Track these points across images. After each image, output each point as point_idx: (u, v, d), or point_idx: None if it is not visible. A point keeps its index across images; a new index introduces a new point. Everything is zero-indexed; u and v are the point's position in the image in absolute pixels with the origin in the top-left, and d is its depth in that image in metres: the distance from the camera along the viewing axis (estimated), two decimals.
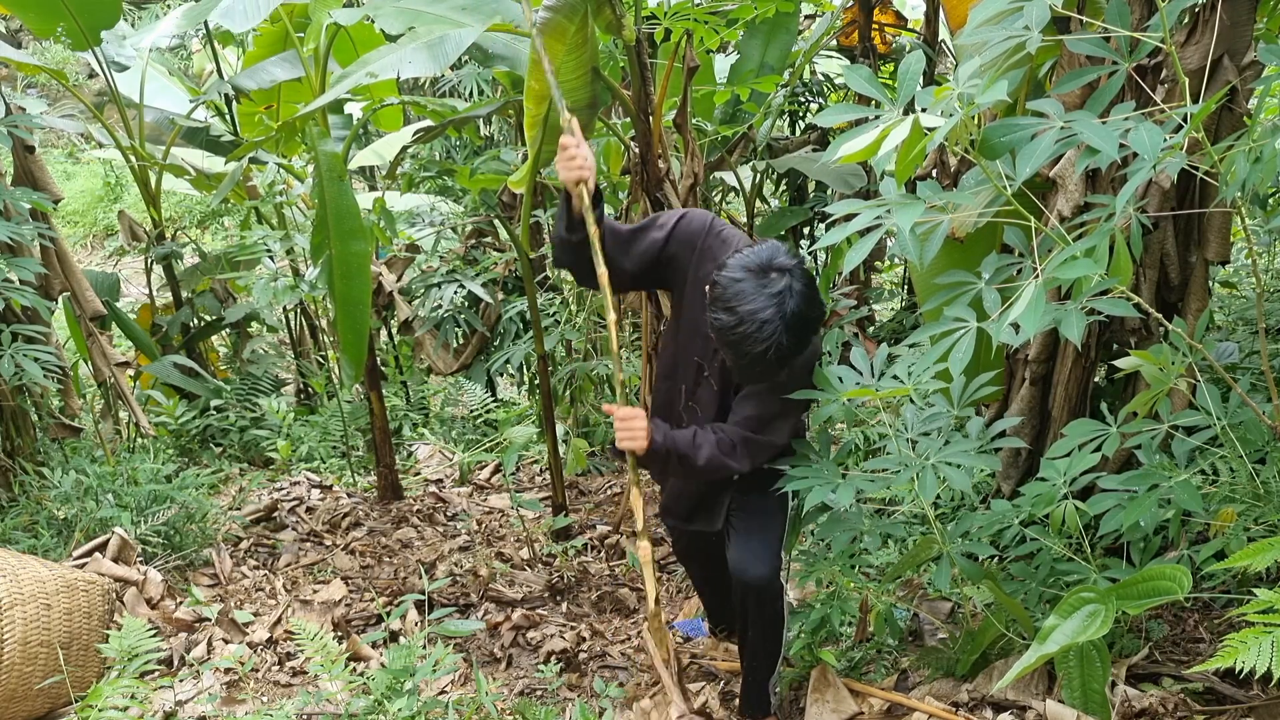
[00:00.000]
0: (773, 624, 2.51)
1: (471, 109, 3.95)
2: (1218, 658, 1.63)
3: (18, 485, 3.97)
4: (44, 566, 2.88)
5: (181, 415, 5.05)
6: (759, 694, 2.59)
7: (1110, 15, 1.95)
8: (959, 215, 2.15)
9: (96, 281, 5.16)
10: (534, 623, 3.36)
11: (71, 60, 10.81)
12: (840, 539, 2.43)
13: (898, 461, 2.27)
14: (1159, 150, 1.73)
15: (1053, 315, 1.87)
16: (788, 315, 2.12)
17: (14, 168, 4.19)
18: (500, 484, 4.84)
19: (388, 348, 6.18)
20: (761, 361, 2.16)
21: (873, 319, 5.30)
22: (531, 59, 3.02)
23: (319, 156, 3.57)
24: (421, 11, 3.44)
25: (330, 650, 2.54)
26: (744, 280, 2.14)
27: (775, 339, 2.12)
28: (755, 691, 2.60)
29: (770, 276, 2.14)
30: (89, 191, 11.07)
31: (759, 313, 2.11)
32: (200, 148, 5.49)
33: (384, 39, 4.82)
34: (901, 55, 5.27)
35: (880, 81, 1.97)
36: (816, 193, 5.37)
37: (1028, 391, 2.78)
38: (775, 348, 2.13)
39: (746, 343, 2.13)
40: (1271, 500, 2.02)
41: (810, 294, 2.17)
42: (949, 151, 2.80)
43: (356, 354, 3.76)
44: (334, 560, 3.88)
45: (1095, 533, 2.22)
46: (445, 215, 5.70)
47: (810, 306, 2.17)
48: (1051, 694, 2.32)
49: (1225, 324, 3.78)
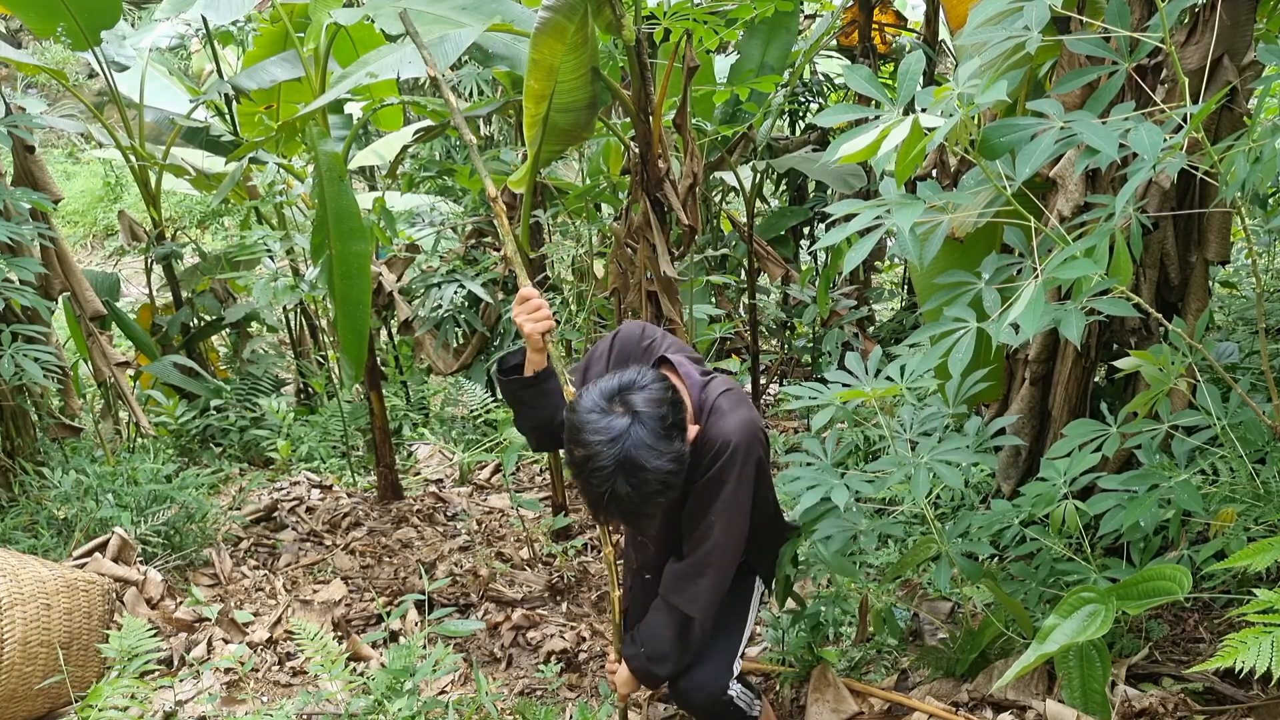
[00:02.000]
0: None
1: (471, 109, 3.95)
2: (1218, 658, 1.63)
3: (18, 485, 3.97)
4: (44, 566, 2.88)
5: (181, 415, 5.05)
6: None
7: (1110, 15, 1.95)
8: (959, 215, 2.15)
9: (96, 281, 5.17)
10: (534, 623, 3.36)
11: (71, 60, 10.81)
12: (838, 538, 2.43)
13: (893, 462, 2.27)
14: (1159, 150, 1.73)
15: (1053, 315, 1.87)
16: (620, 468, 1.92)
17: (14, 168, 4.20)
18: (500, 484, 4.84)
19: (388, 348, 6.18)
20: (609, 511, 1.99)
21: (873, 319, 5.30)
22: (530, 59, 3.02)
23: (319, 156, 3.57)
24: (421, 11, 3.44)
25: (330, 650, 2.54)
26: (586, 424, 1.96)
27: (609, 489, 1.93)
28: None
29: (612, 418, 1.95)
30: (89, 191, 11.07)
31: (590, 453, 1.94)
32: (200, 148, 5.49)
33: (384, 39, 4.82)
34: (901, 55, 5.28)
35: (880, 81, 1.97)
36: (816, 193, 5.38)
37: (1028, 391, 2.78)
38: (613, 500, 1.94)
39: (591, 488, 1.97)
40: (1271, 500, 2.02)
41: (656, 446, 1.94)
42: (949, 151, 2.80)
43: (356, 354, 3.76)
44: (334, 560, 3.88)
45: (1095, 533, 2.21)
46: (445, 215, 5.70)
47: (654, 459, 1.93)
48: (1051, 694, 2.32)
49: (1225, 324, 3.78)
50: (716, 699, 2.28)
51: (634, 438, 1.93)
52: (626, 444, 1.93)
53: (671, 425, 1.99)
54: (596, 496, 1.97)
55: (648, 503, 1.98)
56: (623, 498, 1.95)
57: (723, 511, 2.14)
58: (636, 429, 1.94)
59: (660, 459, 1.95)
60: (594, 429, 1.95)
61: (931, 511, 2.37)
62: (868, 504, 2.69)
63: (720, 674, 2.30)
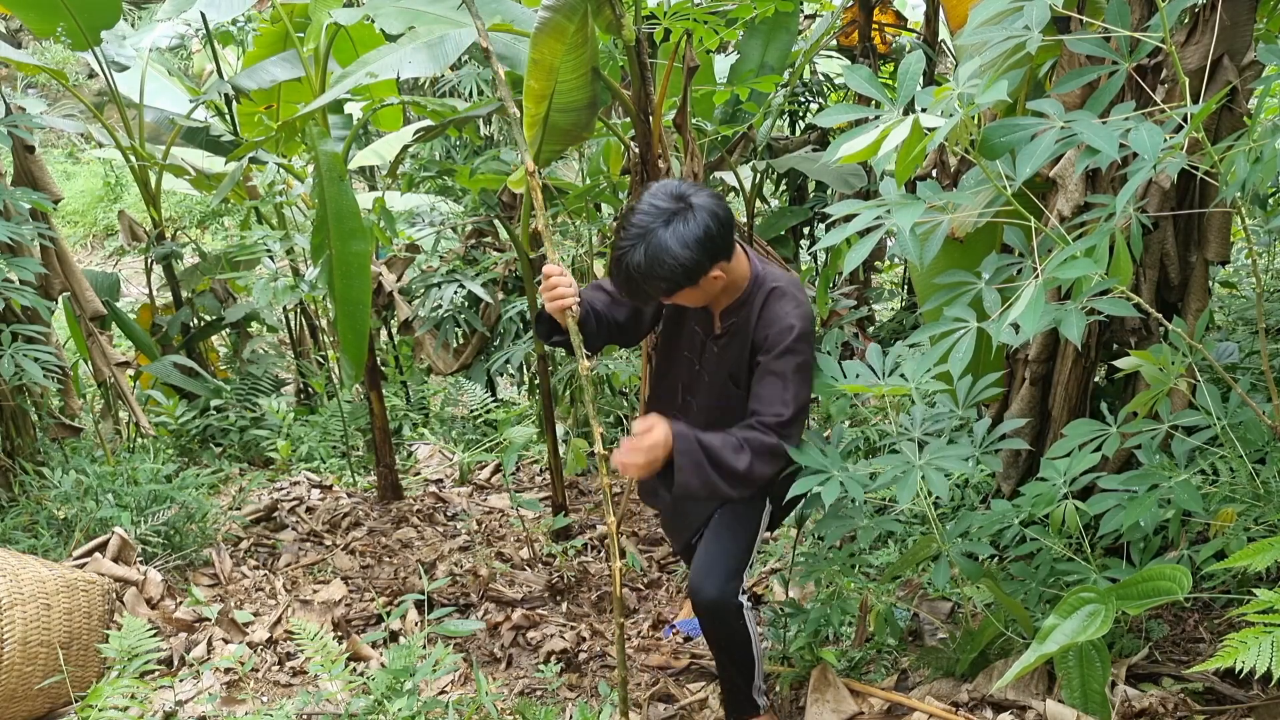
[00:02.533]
0: (732, 645, 2.45)
1: (471, 109, 3.95)
2: (1218, 658, 1.63)
3: (18, 485, 3.97)
4: (44, 566, 2.88)
5: (181, 415, 5.05)
6: (740, 699, 2.55)
7: (1110, 15, 1.95)
8: (959, 215, 2.15)
9: (96, 281, 5.16)
10: (534, 623, 3.36)
11: (71, 60, 10.81)
12: (836, 531, 2.42)
13: (889, 463, 2.26)
14: (1159, 150, 1.73)
15: (1053, 315, 1.87)
16: (658, 238, 2.11)
17: (14, 168, 4.20)
18: (500, 484, 4.84)
19: (388, 348, 6.18)
20: (618, 270, 2.17)
21: (873, 319, 5.30)
22: (530, 59, 3.02)
23: (319, 156, 3.57)
24: (421, 11, 3.44)
25: (330, 650, 2.54)
26: (648, 196, 2.17)
27: (630, 245, 2.13)
28: (735, 697, 2.56)
29: (666, 206, 2.14)
30: (89, 191, 11.07)
31: (639, 214, 2.15)
32: (200, 148, 5.49)
33: (384, 39, 4.82)
34: (901, 55, 5.28)
35: (880, 81, 1.97)
36: (816, 193, 5.37)
37: (1028, 391, 2.78)
38: (628, 257, 2.13)
39: (617, 238, 2.18)
40: (1271, 500, 2.02)
41: (689, 235, 2.11)
42: (949, 151, 2.80)
43: (356, 354, 3.76)
44: (334, 560, 3.88)
45: (1095, 533, 2.21)
46: (445, 215, 5.70)
47: (678, 247, 2.11)
48: (1051, 694, 2.32)
49: (1225, 324, 3.78)
50: (727, 599, 2.38)
51: (674, 225, 2.12)
52: (665, 225, 2.11)
53: (710, 239, 2.14)
54: (617, 252, 2.17)
55: (649, 281, 2.15)
56: (632, 265, 2.13)
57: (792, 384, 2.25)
58: (681, 220, 2.12)
59: (682, 252, 2.11)
60: (649, 205, 2.15)
61: (932, 511, 2.37)
62: (868, 503, 2.69)
63: (730, 576, 2.39)
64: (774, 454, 2.25)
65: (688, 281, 2.17)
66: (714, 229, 2.15)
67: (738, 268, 2.30)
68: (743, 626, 2.44)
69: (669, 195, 2.16)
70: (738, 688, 2.54)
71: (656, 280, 2.15)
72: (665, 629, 3.26)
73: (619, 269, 2.18)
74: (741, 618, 2.43)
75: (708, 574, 2.41)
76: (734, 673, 2.51)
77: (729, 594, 2.39)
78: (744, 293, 2.33)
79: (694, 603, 2.43)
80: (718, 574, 2.40)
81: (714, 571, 2.41)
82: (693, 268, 2.14)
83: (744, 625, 2.44)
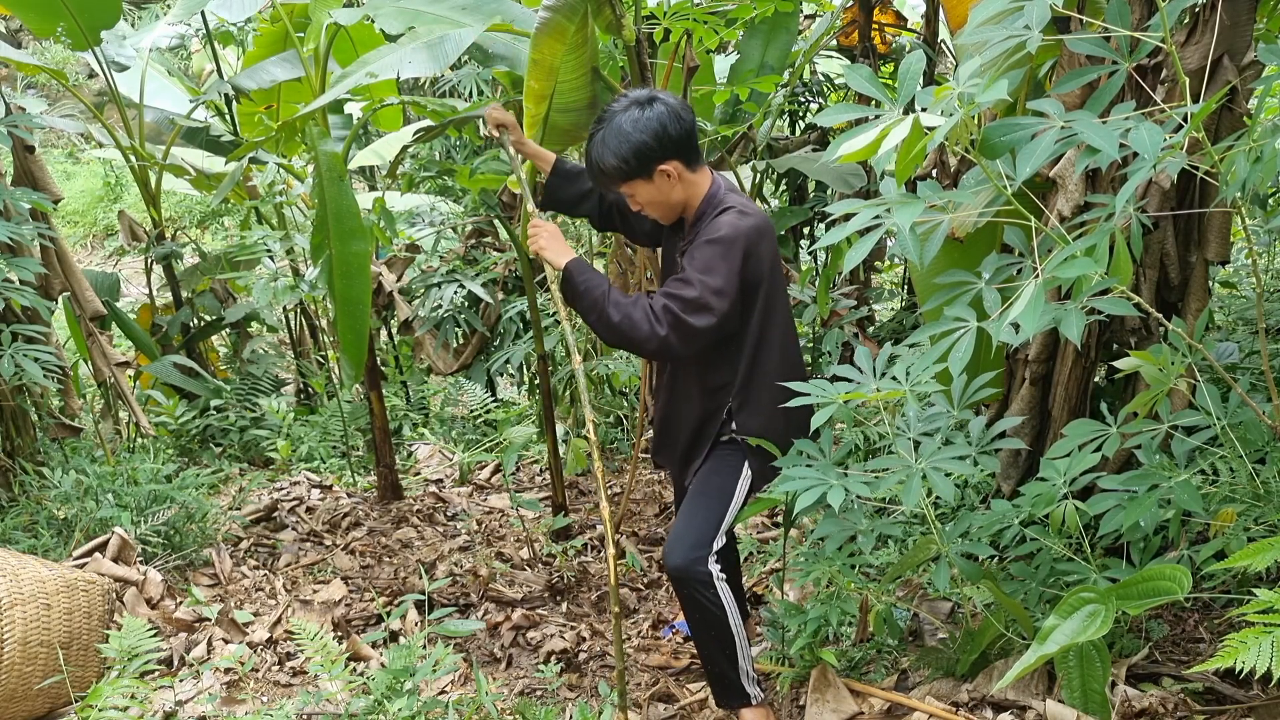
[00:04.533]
0: (707, 613, 2.42)
1: (471, 109, 3.95)
2: (1218, 658, 1.63)
3: (18, 485, 3.97)
4: (44, 566, 2.88)
5: (181, 415, 5.04)
6: (727, 686, 2.53)
7: (1110, 15, 1.95)
8: (959, 215, 2.15)
9: (96, 281, 5.17)
10: (534, 623, 3.36)
11: (71, 60, 10.82)
12: (836, 537, 2.42)
13: (892, 464, 2.26)
14: (1159, 150, 1.73)
15: (1053, 315, 1.87)
16: (616, 120, 2.33)
17: (14, 168, 4.20)
18: (500, 484, 4.84)
19: (388, 348, 6.18)
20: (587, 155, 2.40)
21: (873, 319, 5.30)
22: (530, 59, 3.02)
23: (319, 156, 3.57)
24: (421, 11, 3.44)
25: (330, 650, 2.54)
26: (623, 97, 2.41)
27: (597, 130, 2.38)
28: (721, 683, 2.54)
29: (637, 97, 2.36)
30: (89, 191, 11.07)
31: (612, 104, 2.39)
32: (200, 148, 5.49)
33: (384, 39, 4.82)
34: (901, 55, 5.27)
35: (880, 81, 1.97)
36: (816, 193, 5.37)
37: (1028, 391, 2.78)
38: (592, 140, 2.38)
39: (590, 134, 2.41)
40: (1271, 500, 2.02)
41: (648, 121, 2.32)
42: (949, 151, 2.80)
43: (356, 354, 3.76)
44: (334, 560, 3.88)
45: (1095, 533, 2.21)
46: (445, 215, 5.70)
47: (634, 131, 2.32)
48: (1051, 694, 2.32)
49: (1225, 324, 3.78)
50: (693, 566, 2.40)
51: (631, 111, 2.34)
52: (624, 111, 2.35)
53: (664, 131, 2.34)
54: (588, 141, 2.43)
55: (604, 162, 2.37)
56: (593, 146, 2.39)
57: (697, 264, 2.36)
58: (641, 109, 2.34)
59: (635, 134, 2.33)
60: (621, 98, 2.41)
61: (931, 511, 2.37)
62: (868, 503, 2.69)
63: (699, 541, 2.44)
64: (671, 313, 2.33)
65: (638, 165, 2.36)
66: (669, 123, 2.34)
67: (699, 181, 2.47)
68: (714, 597, 2.40)
69: (640, 94, 2.38)
70: (724, 673, 2.50)
71: (612, 160, 2.35)
72: (665, 629, 3.26)
73: (587, 156, 2.41)
74: (712, 588, 2.40)
75: (676, 542, 2.45)
76: (717, 653, 2.48)
77: (695, 561, 2.40)
78: (699, 210, 2.49)
79: (667, 572, 2.47)
80: (685, 542, 2.43)
81: (682, 539, 2.44)
82: (644, 151, 2.34)
83: (715, 596, 2.40)
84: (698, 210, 2.48)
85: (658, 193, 2.43)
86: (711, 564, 2.42)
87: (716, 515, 2.48)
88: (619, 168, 2.37)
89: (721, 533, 2.48)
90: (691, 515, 2.49)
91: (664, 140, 2.34)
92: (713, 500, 2.50)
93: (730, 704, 2.57)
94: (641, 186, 2.42)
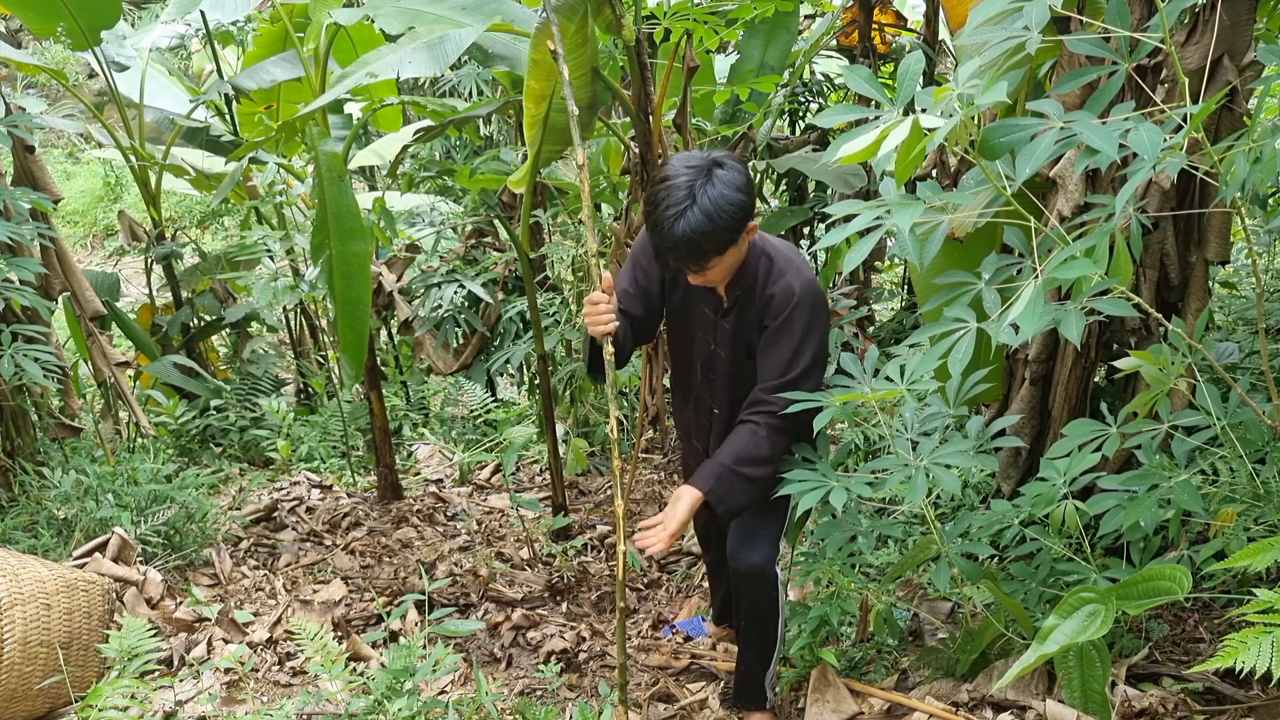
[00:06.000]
0: (765, 616, 2.49)
1: (471, 109, 3.95)
2: (1218, 658, 1.63)
3: (18, 485, 3.96)
4: (44, 566, 2.88)
5: (181, 415, 5.04)
6: (752, 688, 2.58)
7: (1110, 15, 1.95)
8: (959, 215, 2.15)
9: (96, 281, 5.17)
10: (534, 623, 3.36)
11: (71, 60, 10.81)
12: (836, 539, 2.43)
13: (893, 463, 2.27)
14: (1159, 150, 1.73)
15: (1052, 315, 1.87)
16: (697, 190, 2.11)
17: (14, 168, 4.19)
18: (500, 484, 4.84)
19: (388, 348, 6.18)
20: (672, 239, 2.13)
21: (873, 319, 5.30)
22: (530, 59, 3.02)
23: (319, 156, 3.57)
24: (421, 11, 3.44)
25: (330, 650, 2.54)
26: (675, 162, 2.18)
27: (683, 207, 2.10)
28: (747, 685, 2.59)
29: (700, 164, 2.15)
30: (89, 191, 11.07)
31: (674, 179, 2.13)
32: (200, 148, 5.49)
33: (384, 39, 4.82)
34: (901, 55, 5.27)
35: (880, 81, 1.97)
36: (816, 193, 5.37)
37: (1028, 391, 2.78)
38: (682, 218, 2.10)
39: (657, 210, 2.13)
40: (1271, 500, 2.02)
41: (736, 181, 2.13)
42: (949, 151, 2.80)
43: (356, 354, 3.76)
44: (334, 560, 3.88)
45: (1095, 533, 2.21)
46: (445, 215, 5.70)
47: (731, 191, 2.12)
48: (1051, 694, 2.32)
49: (1225, 324, 3.78)
50: (770, 566, 2.45)
51: (717, 176, 2.13)
52: (708, 180, 2.12)
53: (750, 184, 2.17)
54: (667, 224, 2.12)
55: (710, 237, 2.12)
56: (691, 225, 2.10)
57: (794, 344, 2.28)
58: (724, 169, 2.14)
59: (737, 195, 2.13)
60: (682, 169, 2.14)
61: (931, 511, 2.37)
62: (868, 503, 2.69)
63: (773, 542, 2.47)
64: (781, 426, 2.31)
65: (744, 227, 2.18)
66: (749, 176, 2.21)
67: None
68: (776, 599, 2.48)
69: (696, 159, 2.17)
70: (753, 673, 2.56)
71: (719, 233, 2.13)
72: (665, 629, 3.26)
73: (673, 238, 2.13)
74: (777, 589, 2.47)
75: (750, 543, 2.45)
76: (755, 655, 2.54)
77: (770, 562, 2.44)
78: (745, 263, 2.34)
79: (736, 573, 2.46)
80: (760, 541, 2.45)
81: (756, 540, 2.45)
82: (749, 209, 2.17)
83: (778, 599, 2.48)
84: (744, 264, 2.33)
85: (739, 254, 2.27)
86: (778, 567, 2.48)
87: (781, 518, 2.50)
88: (729, 238, 2.16)
89: (784, 536, 2.52)
90: (759, 516, 2.48)
91: (753, 194, 2.21)
92: (774, 502, 2.46)
93: (748, 705, 2.60)
94: (732, 253, 2.23)
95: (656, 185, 2.18)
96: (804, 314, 2.28)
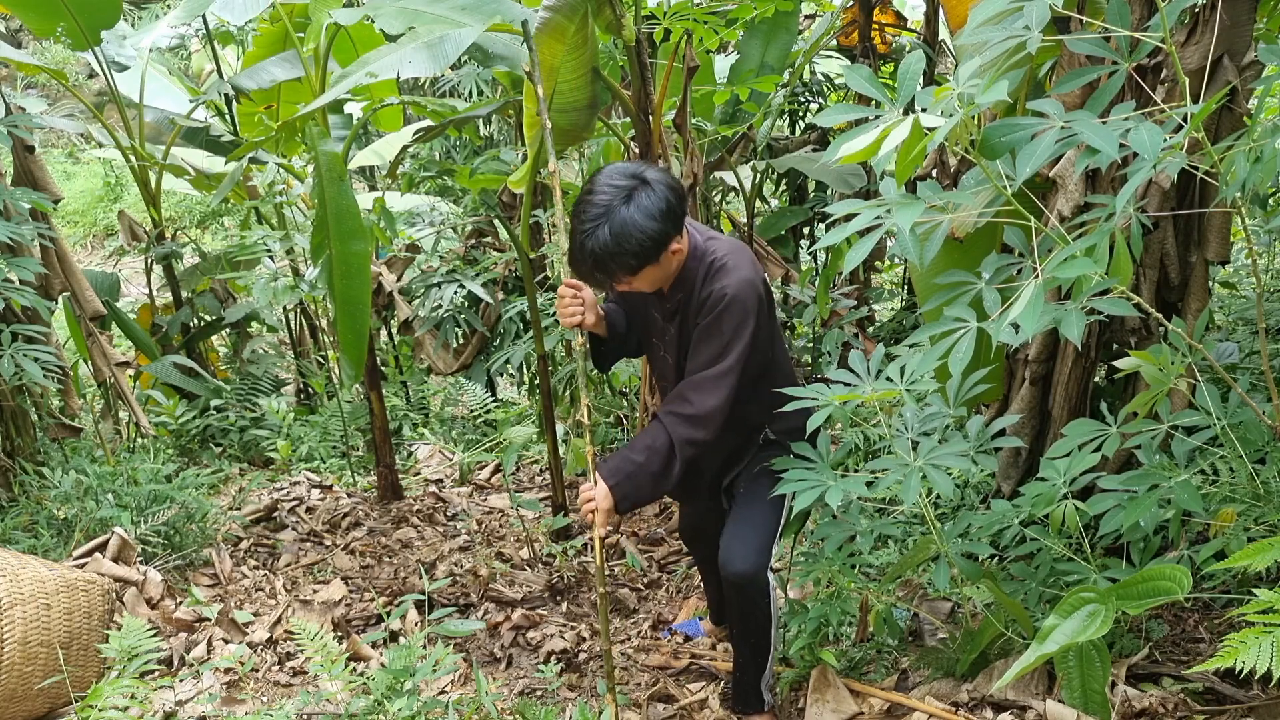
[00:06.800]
0: (758, 622, 2.47)
1: (471, 109, 3.95)
2: (1218, 658, 1.63)
3: (18, 485, 3.97)
4: (44, 566, 2.88)
5: (181, 415, 5.05)
6: (749, 692, 2.57)
7: (1110, 15, 1.95)
8: (959, 215, 2.15)
9: (96, 281, 5.17)
10: (534, 623, 3.36)
11: (71, 60, 10.82)
12: (836, 539, 2.42)
13: (890, 464, 2.26)
14: (1159, 150, 1.73)
15: (1053, 315, 1.87)
16: (613, 211, 2.12)
17: (14, 168, 4.20)
18: (500, 484, 4.84)
19: (388, 348, 6.18)
20: (581, 254, 2.17)
21: (873, 319, 5.30)
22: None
23: (319, 156, 3.57)
24: (421, 11, 3.43)
25: (330, 650, 2.54)
26: (603, 176, 2.19)
27: (594, 226, 2.13)
28: (744, 688, 2.58)
29: (624, 183, 2.16)
30: (89, 191, 11.07)
31: (595, 195, 2.15)
32: (200, 148, 5.49)
33: (384, 39, 4.82)
34: (901, 55, 5.27)
35: (880, 81, 1.97)
36: (816, 193, 5.37)
37: (1028, 391, 2.78)
38: (591, 237, 2.13)
39: (574, 222, 2.18)
40: (1271, 500, 2.02)
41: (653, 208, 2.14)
42: (949, 151, 2.80)
43: (356, 354, 3.76)
44: (334, 560, 3.88)
45: (1095, 533, 2.21)
46: (445, 215, 5.70)
47: (644, 219, 2.13)
48: (1051, 694, 2.32)
49: (1225, 324, 3.78)
50: (760, 573, 2.42)
51: (635, 200, 2.14)
52: (625, 201, 2.14)
53: (671, 210, 2.18)
54: (580, 237, 2.16)
55: (617, 259, 2.16)
56: (599, 245, 2.14)
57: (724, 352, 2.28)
58: (642, 194, 2.15)
59: (649, 224, 2.14)
60: (606, 185, 2.16)
61: (931, 511, 2.37)
62: (868, 503, 2.69)
63: (763, 548, 2.43)
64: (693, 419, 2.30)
65: (655, 254, 2.19)
66: (673, 200, 2.19)
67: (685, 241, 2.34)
68: (768, 606, 2.46)
69: (624, 175, 2.18)
70: (748, 678, 2.55)
71: (625, 256, 2.16)
72: (664, 629, 3.26)
73: (583, 253, 2.18)
74: (769, 596, 2.45)
75: (740, 549, 2.43)
76: (749, 659, 2.53)
77: (760, 569, 2.42)
78: (685, 268, 2.35)
79: (726, 579, 2.45)
80: (749, 548, 2.43)
81: (746, 546, 2.43)
82: (660, 239, 2.18)
83: (769, 606, 2.46)
84: (685, 269, 2.35)
85: (662, 272, 2.28)
86: (770, 573, 2.45)
87: (774, 522, 2.48)
88: (636, 264, 2.19)
89: (777, 540, 2.50)
90: (751, 522, 2.47)
91: (674, 222, 2.20)
92: (767, 506, 2.48)
93: (745, 709, 2.59)
94: (648, 272, 2.24)
95: (580, 196, 2.20)
96: (734, 315, 2.27)
